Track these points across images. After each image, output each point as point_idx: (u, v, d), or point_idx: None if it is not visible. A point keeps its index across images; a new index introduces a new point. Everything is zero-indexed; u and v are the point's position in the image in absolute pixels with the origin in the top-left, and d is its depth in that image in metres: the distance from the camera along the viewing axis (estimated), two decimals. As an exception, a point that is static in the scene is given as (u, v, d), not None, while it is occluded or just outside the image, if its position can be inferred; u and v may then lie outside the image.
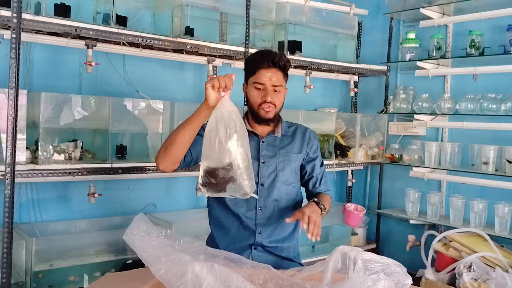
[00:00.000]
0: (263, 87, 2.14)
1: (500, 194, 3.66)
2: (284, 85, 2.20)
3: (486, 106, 3.65)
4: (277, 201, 2.22)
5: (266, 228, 2.22)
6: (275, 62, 2.12)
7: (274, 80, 2.13)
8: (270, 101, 2.13)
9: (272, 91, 2.14)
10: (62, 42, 3.00)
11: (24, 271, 2.73)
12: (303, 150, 2.30)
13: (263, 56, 2.14)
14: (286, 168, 2.24)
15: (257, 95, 2.15)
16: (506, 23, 3.61)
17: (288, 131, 2.31)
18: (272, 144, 2.26)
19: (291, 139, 2.30)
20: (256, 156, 2.20)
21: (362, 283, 1.42)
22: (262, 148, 2.23)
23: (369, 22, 4.66)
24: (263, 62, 2.12)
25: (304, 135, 2.32)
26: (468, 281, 3.00)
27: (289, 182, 2.26)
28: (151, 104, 3.17)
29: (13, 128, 2.49)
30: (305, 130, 2.35)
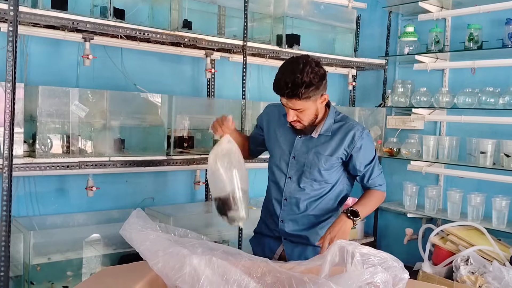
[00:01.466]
0: (286, 107, 2.17)
1: (498, 187, 3.67)
2: (309, 104, 2.13)
3: (484, 100, 3.65)
4: (302, 195, 2.29)
5: (288, 218, 2.32)
6: (289, 96, 2.08)
7: (290, 105, 2.12)
8: (293, 120, 2.17)
9: (294, 111, 2.15)
10: (59, 35, 2.99)
11: (22, 265, 2.73)
12: (339, 151, 2.24)
13: (276, 84, 2.12)
14: (314, 168, 2.25)
15: (286, 111, 2.19)
16: (504, 17, 3.60)
17: (329, 130, 2.26)
18: (308, 141, 2.27)
19: (328, 139, 2.26)
20: (289, 149, 2.29)
21: (360, 276, 1.43)
22: (296, 143, 2.28)
23: (368, 15, 4.65)
24: (276, 90, 2.13)
25: (346, 136, 2.24)
26: (465, 274, 3.01)
27: (318, 180, 2.27)
28: (149, 97, 3.16)
29: (10, 121, 2.48)
30: (349, 130, 2.25)
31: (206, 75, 3.62)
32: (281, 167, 2.31)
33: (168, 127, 3.20)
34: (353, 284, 1.40)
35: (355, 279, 1.41)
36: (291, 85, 2.05)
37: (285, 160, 2.30)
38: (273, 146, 2.36)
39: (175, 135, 3.27)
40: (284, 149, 2.31)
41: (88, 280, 1.77)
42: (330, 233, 2.09)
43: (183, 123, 3.34)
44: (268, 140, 2.40)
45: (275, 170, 2.35)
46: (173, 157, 3.16)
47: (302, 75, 2.05)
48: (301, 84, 2.05)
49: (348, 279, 1.41)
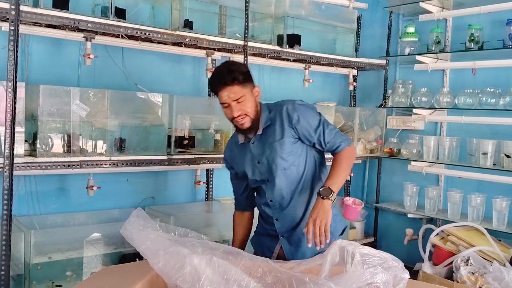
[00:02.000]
0: (227, 105, 2.26)
1: (498, 188, 3.67)
2: (248, 90, 2.28)
3: (485, 100, 3.66)
4: (281, 189, 2.35)
5: (280, 214, 2.38)
6: (224, 81, 2.23)
7: (232, 96, 2.24)
8: (238, 114, 2.26)
9: (236, 104, 2.25)
10: (60, 35, 2.99)
11: (23, 264, 2.73)
12: (285, 132, 2.31)
13: (214, 79, 2.29)
14: (276, 158, 2.31)
15: (227, 112, 2.29)
16: (505, 17, 3.60)
17: (269, 119, 2.36)
18: (259, 141, 2.37)
19: (272, 128, 2.35)
20: (252, 159, 2.39)
21: (360, 276, 1.43)
22: (253, 150, 2.38)
23: (369, 15, 4.65)
24: (215, 86, 2.27)
25: (281, 116, 2.33)
26: (466, 275, 3.01)
27: (285, 166, 2.33)
28: (149, 97, 3.17)
29: (11, 120, 2.48)
30: (281, 109, 2.35)
31: (207, 75, 3.62)
32: (255, 176, 2.40)
33: (168, 127, 3.20)
34: (354, 285, 1.40)
35: (356, 279, 1.42)
36: (227, 73, 2.24)
37: (254, 170, 2.39)
38: (245, 169, 2.43)
39: (176, 135, 3.27)
40: (250, 163, 2.40)
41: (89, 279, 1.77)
42: (311, 216, 2.16)
43: (184, 123, 3.35)
44: (240, 170, 2.47)
45: (253, 182, 2.44)
46: (173, 157, 3.17)
47: (233, 64, 2.33)
48: (236, 69, 2.27)
49: (348, 280, 1.41)
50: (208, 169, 3.76)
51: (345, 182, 4.63)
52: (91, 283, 1.69)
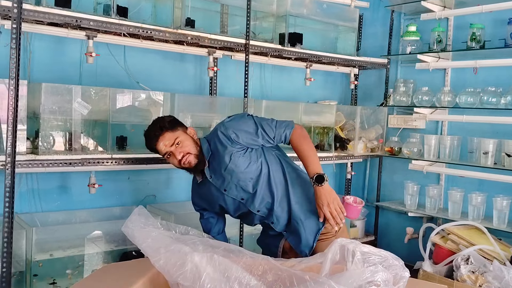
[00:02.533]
0: (167, 154, 2.39)
1: (499, 187, 3.67)
2: (180, 133, 2.41)
3: (486, 99, 3.65)
4: (260, 198, 2.43)
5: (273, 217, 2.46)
6: (155, 134, 2.37)
7: (167, 142, 2.37)
8: (181, 156, 2.36)
9: (175, 149, 2.37)
10: (62, 33, 2.99)
11: (25, 261, 2.74)
12: (231, 151, 2.38)
13: (147, 138, 2.43)
14: (238, 176, 2.39)
15: (172, 160, 2.41)
16: (507, 17, 3.60)
17: (209, 150, 2.44)
18: (214, 172, 2.44)
19: (217, 155, 2.42)
20: (218, 191, 2.46)
21: (361, 274, 1.44)
22: (214, 183, 2.45)
23: (370, 14, 4.65)
24: (150, 143, 2.41)
25: (220, 140, 2.41)
26: (466, 274, 3.02)
27: (251, 176, 2.40)
28: (151, 95, 3.17)
29: (13, 118, 2.49)
30: (217, 134, 2.43)
31: (208, 73, 3.63)
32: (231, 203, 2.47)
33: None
34: (354, 283, 1.41)
35: (356, 277, 1.42)
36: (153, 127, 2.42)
37: (227, 198, 2.46)
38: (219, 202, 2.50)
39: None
40: (220, 196, 2.47)
41: (90, 276, 1.78)
42: (322, 204, 2.27)
43: (185, 121, 3.35)
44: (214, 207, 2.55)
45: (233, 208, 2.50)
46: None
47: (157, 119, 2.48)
48: (160, 120, 2.44)
49: (349, 278, 1.42)
50: (209, 167, 3.76)
51: (345, 181, 4.66)
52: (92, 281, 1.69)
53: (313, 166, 2.33)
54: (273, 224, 2.46)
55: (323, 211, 2.28)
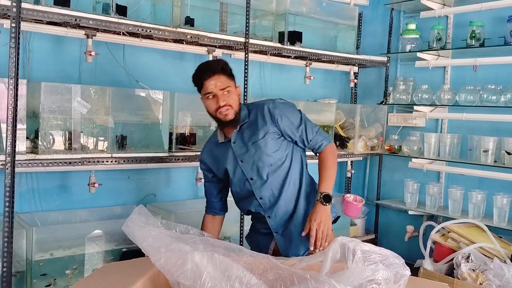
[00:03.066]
0: (213, 94, 2.29)
1: (499, 185, 3.67)
2: (232, 84, 2.33)
3: (486, 97, 3.65)
4: (270, 187, 2.37)
5: (271, 211, 2.39)
6: (212, 70, 2.28)
7: (219, 84, 2.27)
8: (224, 104, 2.28)
9: (222, 94, 2.28)
10: (61, 32, 2.99)
11: (25, 260, 2.74)
12: (268, 130, 2.34)
13: (201, 70, 2.32)
14: (262, 156, 2.34)
15: (211, 103, 2.31)
16: (506, 14, 3.60)
17: (248, 118, 2.39)
18: (241, 140, 2.38)
19: (254, 126, 2.37)
20: (234, 158, 2.40)
21: (361, 273, 1.44)
22: (235, 150, 2.39)
23: (370, 12, 4.65)
24: (203, 75, 2.29)
25: (263, 114, 2.36)
26: (466, 272, 3.02)
27: (272, 162, 2.35)
28: (151, 94, 3.17)
29: (13, 118, 2.48)
30: (263, 108, 2.38)
31: (208, 72, 3.62)
32: (240, 176, 2.41)
33: (170, 124, 3.20)
34: (355, 281, 1.40)
35: (357, 276, 1.42)
36: (215, 63, 2.35)
37: (236, 169, 2.40)
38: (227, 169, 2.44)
39: (177, 132, 3.27)
40: (232, 163, 2.41)
41: (90, 276, 1.78)
42: (315, 220, 2.21)
43: (185, 120, 3.35)
44: (221, 170, 2.48)
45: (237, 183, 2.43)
46: (175, 154, 3.17)
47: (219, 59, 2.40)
48: (223, 62, 2.35)
49: (349, 276, 1.42)
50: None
51: (345, 179, 4.66)
52: (93, 280, 1.69)
53: (327, 184, 2.31)
54: (269, 219, 2.39)
55: (312, 226, 2.21)
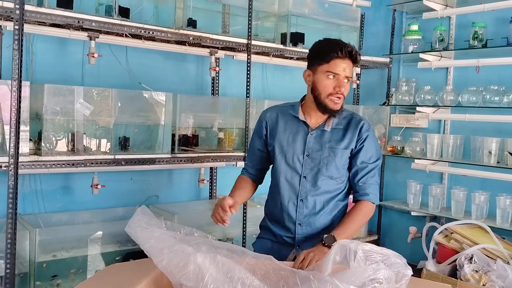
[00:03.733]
0: (336, 77, 2.10)
1: (502, 186, 3.67)
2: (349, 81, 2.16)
3: (489, 98, 3.65)
4: (318, 194, 2.20)
5: (306, 220, 2.22)
6: (351, 53, 2.09)
7: (347, 71, 2.11)
8: (342, 92, 2.11)
9: (344, 81, 2.11)
10: (64, 34, 3.00)
11: (28, 262, 2.74)
12: (351, 144, 2.20)
13: (339, 46, 2.10)
14: (331, 164, 2.18)
15: (329, 84, 2.12)
16: (509, 15, 3.59)
17: (341, 123, 2.23)
18: (320, 136, 2.21)
19: (342, 132, 2.21)
20: (302, 148, 2.20)
21: (363, 272, 1.44)
22: (309, 141, 2.20)
23: (372, 14, 4.65)
24: (339, 51, 2.08)
25: (356, 128, 2.21)
26: (469, 273, 3.01)
27: (334, 177, 2.21)
28: (153, 95, 3.18)
29: (16, 119, 2.49)
30: (359, 122, 2.23)
31: (210, 74, 3.63)
32: (295, 167, 2.21)
33: (172, 125, 3.21)
34: (356, 281, 1.40)
35: (358, 275, 1.42)
36: (356, 51, 2.12)
37: (298, 159, 2.21)
38: (283, 146, 2.24)
39: (180, 133, 3.28)
40: (296, 148, 2.22)
41: (94, 277, 1.78)
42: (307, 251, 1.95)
43: (188, 122, 3.36)
44: (275, 143, 2.26)
45: (287, 170, 2.23)
46: (177, 155, 3.18)
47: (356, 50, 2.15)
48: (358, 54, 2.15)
49: (351, 276, 1.42)
50: (211, 168, 3.77)
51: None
52: (96, 281, 1.70)
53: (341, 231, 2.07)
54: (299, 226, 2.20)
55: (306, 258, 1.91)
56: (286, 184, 2.23)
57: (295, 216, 2.22)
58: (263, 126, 2.32)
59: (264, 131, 2.32)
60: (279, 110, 2.32)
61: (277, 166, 2.25)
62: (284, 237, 2.26)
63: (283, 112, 2.30)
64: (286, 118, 2.27)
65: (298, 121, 2.24)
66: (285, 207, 2.23)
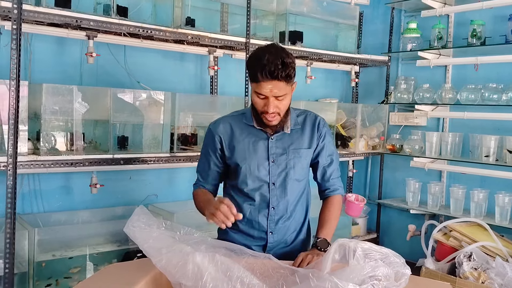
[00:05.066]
0: (264, 96, 1.99)
1: (501, 184, 3.67)
2: (290, 90, 2.02)
3: (487, 96, 3.65)
4: (289, 199, 2.16)
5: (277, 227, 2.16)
6: (273, 75, 1.93)
7: (275, 91, 1.97)
8: (272, 111, 2.01)
9: (275, 100, 1.99)
10: (63, 33, 3.00)
11: (27, 261, 2.75)
12: (313, 143, 2.18)
13: (260, 67, 1.94)
14: (297, 166, 2.14)
15: (259, 102, 2.02)
16: (507, 13, 3.60)
17: (297, 123, 2.18)
18: (281, 140, 2.15)
19: (300, 132, 2.18)
20: (265, 154, 2.12)
21: (362, 270, 1.44)
22: (271, 146, 2.13)
23: (370, 12, 4.65)
24: (261, 75, 1.94)
25: (314, 126, 2.19)
26: (468, 271, 3.02)
27: (300, 179, 2.18)
28: (152, 95, 3.17)
29: (14, 119, 2.49)
30: (315, 119, 2.21)
31: (209, 72, 3.63)
32: (261, 176, 2.13)
33: (171, 124, 3.21)
34: (355, 278, 1.41)
35: (357, 273, 1.42)
36: (281, 66, 1.92)
37: (264, 166, 2.12)
38: (245, 157, 2.13)
39: (179, 132, 3.28)
40: (259, 156, 2.12)
41: (93, 276, 1.78)
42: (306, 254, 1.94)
43: (187, 120, 3.36)
44: (235, 155, 2.15)
45: (254, 180, 2.14)
46: (176, 154, 3.17)
47: (287, 56, 1.97)
48: (290, 63, 1.96)
49: (350, 273, 1.42)
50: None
51: (347, 179, 4.66)
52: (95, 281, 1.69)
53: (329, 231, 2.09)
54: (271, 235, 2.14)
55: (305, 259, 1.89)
56: (255, 194, 2.14)
57: (266, 224, 2.14)
58: (217, 140, 2.18)
59: (218, 146, 2.18)
60: (231, 120, 2.20)
61: (242, 177, 2.15)
62: (252, 246, 2.14)
63: (235, 121, 2.19)
64: (241, 126, 2.17)
65: (254, 128, 2.14)
66: (254, 217, 2.15)
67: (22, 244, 2.71)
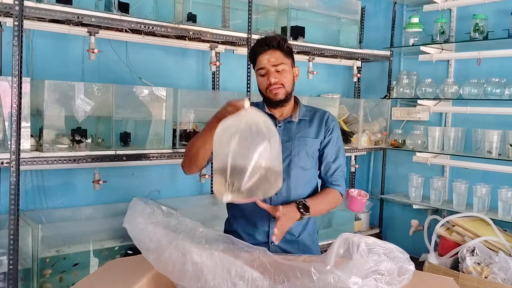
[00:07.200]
0: (265, 70, 2.14)
1: (504, 178, 3.66)
2: (288, 63, 2.17)
3: (490, 90, 3.64)
4: (292, 186, 2.18)
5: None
6: (269, 44, 2.12)
7: (272, 60, 2.12)
8: (274, 82, 2.13)
9: (274, 71, 2.13)
10: (64, 30, 3.00)
11: (31, 258, 2.75)
12: (320, 134, 2.24)
13: (257, 42, 2.18)
14: (301, 153, 2.20)
15: (262, 80, 2.17)
16: (510, 7, 3.58)
17: (306, 115, 2.27)
18: (289, 128, 2.23)
19: (308, 123, 2.26)
20: None
21: (364, 264, 1.43)
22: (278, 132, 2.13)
23: (372, 6, 4.64)
24: (258, 47, 2.15)
25: (322, 119, 2.27)
26: (471, 265, 3.02)
27: (306, 167, 2.21)
28: (154, 91, 3.17)
29: (17, 116, 2.49)
30: (324, 113, 2.30)
31: (211, 68, 3.63)
32: None
33: (173, 120, 3.21)
34: (358, 272, 1.40)
35: (360, 267, 1.42)
36: (270, 38, 2.14)
37: None
38: None
39: (181, 128, 3.28)
40: None
41: (96, 272, 1.78)
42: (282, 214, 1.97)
43: (189, 116, 3.35)
44: None
45: None
46: (178, 150, 3.18)
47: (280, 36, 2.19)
48: (282, 38, 2.17)
49: (353, 267, 1.42)
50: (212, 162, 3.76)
51: (350, 174, 4.65)
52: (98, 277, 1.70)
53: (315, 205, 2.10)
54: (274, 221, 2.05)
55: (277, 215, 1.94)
56: None
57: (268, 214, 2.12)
58: None
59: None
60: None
61: None
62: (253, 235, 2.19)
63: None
64: None
65: None
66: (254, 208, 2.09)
67: (26, 241, 2.72)
